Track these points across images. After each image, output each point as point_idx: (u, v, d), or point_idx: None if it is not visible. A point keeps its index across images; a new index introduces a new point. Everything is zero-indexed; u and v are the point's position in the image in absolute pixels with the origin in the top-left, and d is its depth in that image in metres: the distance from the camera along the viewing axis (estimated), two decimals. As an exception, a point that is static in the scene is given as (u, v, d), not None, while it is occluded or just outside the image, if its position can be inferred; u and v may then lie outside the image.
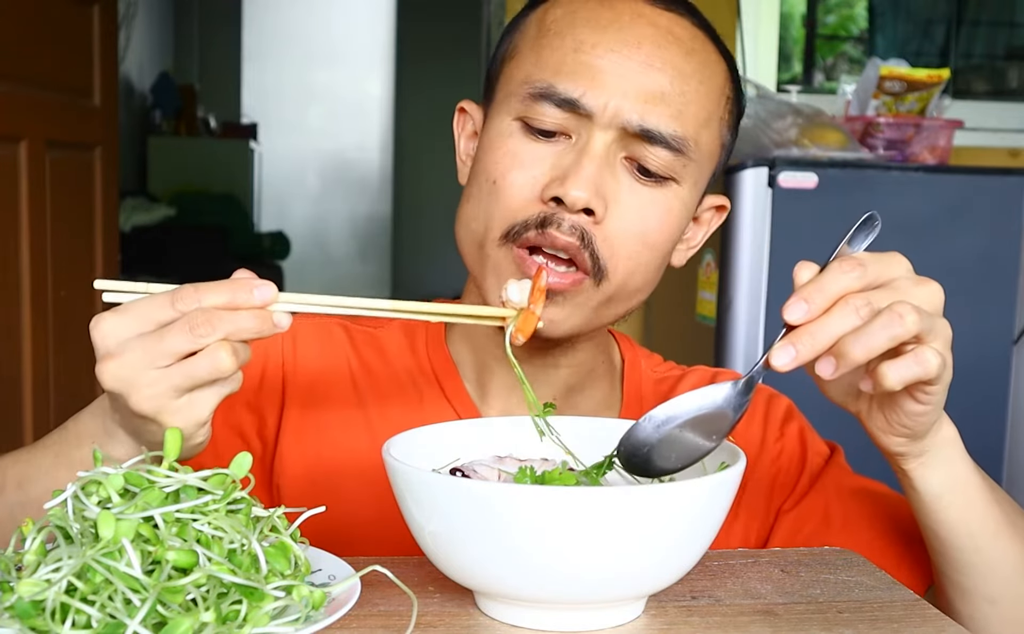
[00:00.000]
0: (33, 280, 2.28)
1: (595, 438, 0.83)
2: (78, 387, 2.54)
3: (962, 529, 0.83)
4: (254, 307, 0.70)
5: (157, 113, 6.34)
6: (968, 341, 2.23)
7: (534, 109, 0.87)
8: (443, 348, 0.99)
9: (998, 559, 0.84)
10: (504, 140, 0.89)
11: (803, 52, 4.96)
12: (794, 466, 0.99)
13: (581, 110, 0.86)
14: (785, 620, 0.71)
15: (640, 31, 0.87)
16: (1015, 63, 3.45)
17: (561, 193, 0.85)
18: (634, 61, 0.86)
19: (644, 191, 0.88)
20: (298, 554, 0.66)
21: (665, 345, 2.49)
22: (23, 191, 2.26)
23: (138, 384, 0.69)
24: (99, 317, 0.71)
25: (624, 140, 0.87)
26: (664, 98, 0.86)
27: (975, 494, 0.83)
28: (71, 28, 2.52)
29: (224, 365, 0.69)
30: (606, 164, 0.86)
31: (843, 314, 0.70)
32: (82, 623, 0.57)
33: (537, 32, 0.90)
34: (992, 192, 2.24)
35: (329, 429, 0.95)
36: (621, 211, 0.87)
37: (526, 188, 0.87)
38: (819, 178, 2.13)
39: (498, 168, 0.88)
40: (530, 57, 0.89)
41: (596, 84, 0.86)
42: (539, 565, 0.65)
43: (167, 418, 0.70)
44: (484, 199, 0.89)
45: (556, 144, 0.87)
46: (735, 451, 0.74)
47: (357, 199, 7.88)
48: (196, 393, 0.70)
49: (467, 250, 0.92)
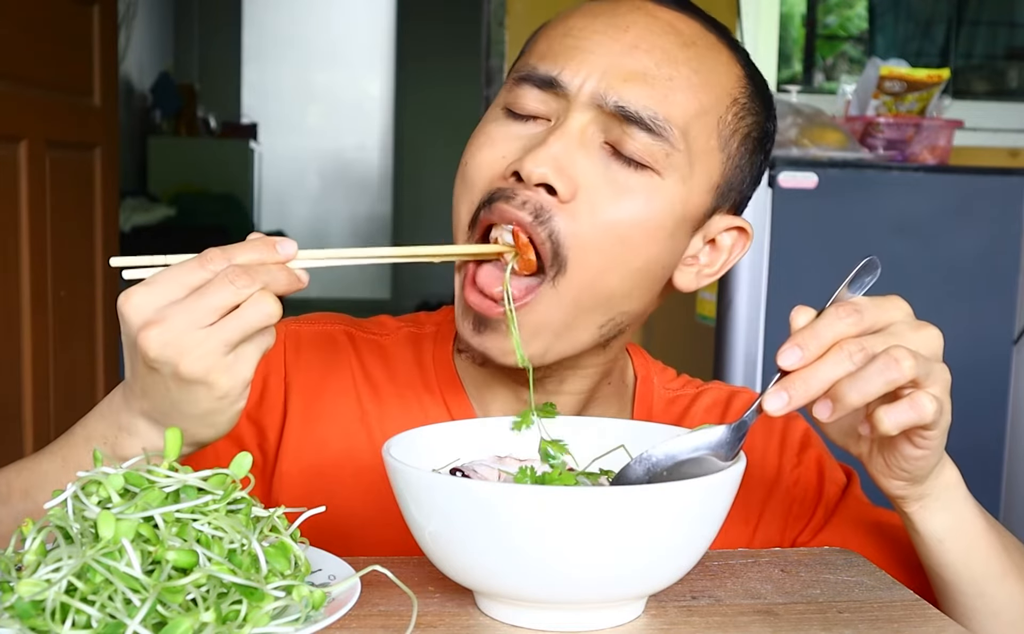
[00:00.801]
0: (33, 280, 2.28)
1: (595, 438, 0.83)
2: (78, 387, 2.54)
3: (965, 573, 0.82)
4: (279, 262, 0.71)
5: (157, 113, 6.34)
6: (968, 341, 2.24)
7: (515, 93, 0.84)
8: (449, 362, 0.96)
9: (1003, 604, 0.83)
10: (486, 126, 0.86)
11: (803, 52, 4.96)
12: (810, 496, 0.96)
13: (559, 89, 0.82)
14: (785, 620, 0.71)
15: (632, 18, 0.84)
16: (1015, 63, 3.45)
17: (518, 166, 0.80)
18: (619, 43, 0.83)
19: (620, 176, 0.82)
20: (298, 554, 0.66)
21: (665, 345, 2.49)
22: (23, 191, 2.26)
23: (187, 345, 0.69)
24: (127, 293, 0.71)
25: (603, 121, 0.82)
26: (646, 78, 0.82)
27: (978, 538, 0.82)
28: (71, 28, 2.52)
29: (272, 310, 0.69)
30: (580, 145, 0.81)
31: (837, 360, 0.69)
32: (82, 623, 0.57)
33: (542, 32, 0.89)
34: (992, 192, 2.24)
35: (330, 438, 0.94)
36: (591, 195, 0.81)
37: (491, 167, 0.83)
38: (819, 178, 2.13)
39: (471, 149, 0.85)
40: (525, 50, 0.89)
41: (575, 63, 0.82)
42: (539, 565, 0.65)
43: (217, 378, 0.70)
44: (460, 182, 0.86)
45: (534, 126, 0.84)
46: (735, 451, 0.74)
47: (357, 199, 7.88)
48: (241, 348, 0.70)
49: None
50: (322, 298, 7.69)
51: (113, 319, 2.71)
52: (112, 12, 2.71)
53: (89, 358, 2.61)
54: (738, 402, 0.99)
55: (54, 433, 2.36)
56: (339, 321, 0.99)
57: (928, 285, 2.19)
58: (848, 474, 0.98)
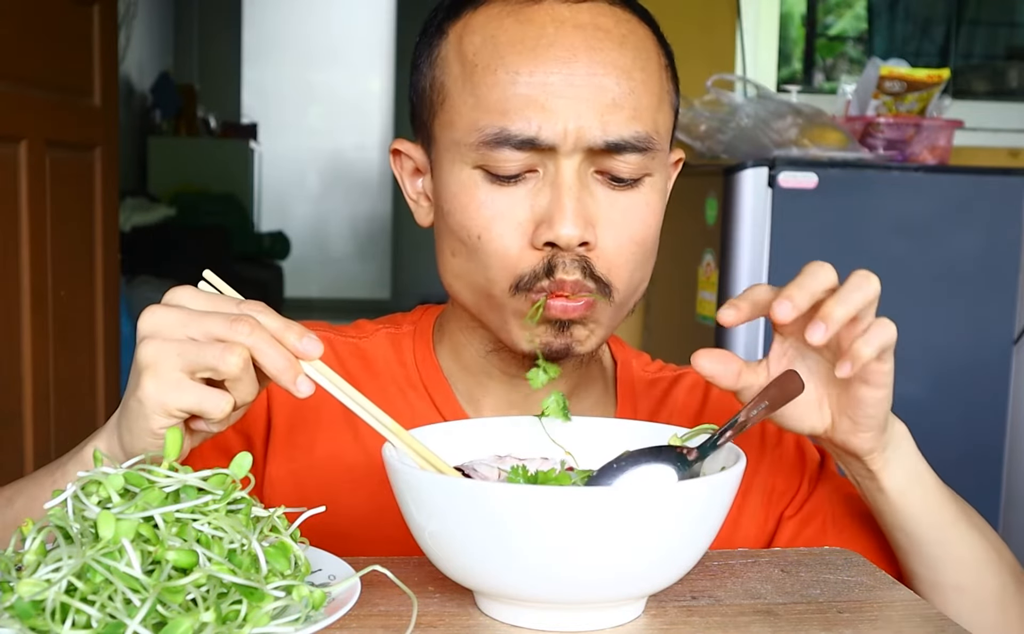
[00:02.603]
0: (33, 280, 2.28)
1: (594, 438, 0.83)
2: (78, 387, 2.54)
3: (925, 520, 0.88)
4: (296, 349, 0.73)
5: (157, 113, 6.34)
6: (968, 341, 2.24)
7: (492, 157, 0.84)
8: (431, 358, 0.98)
9: (959, 548, 0.89)
10: (471, 192, 0.86)
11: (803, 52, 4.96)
12: (795, 472, 1.00)
13: (541, 145, 0.83)
14: (785, 620, 0.71)
15: (569, 40, 0.84)
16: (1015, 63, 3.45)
17: (553, 237, 0.84)
18: (576, 75, 0.83)
19: (622, 199, 0.87)
20: (298, 554, 0.66)
21: (665, 345, 2.49)
22: (23, 191, 2.26)
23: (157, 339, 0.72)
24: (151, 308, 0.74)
25: (591, 157, 0.85)
26: (616, 103, 0.84)
27: (931, 487, 0.88)
28: (71, 28, 2.52)
29: (228, 364, 0.70)
30: (582, 188, 0.85)
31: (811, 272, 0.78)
32: (82, 623, 0.57)
33: (462, 70, 0.87)
34: (992, 192, 2.24)
35: (317, 443, 0.95)
36: (607, 227, 0.86)
37: (515, 238, 0.85)
38: (819, 178, 2.13)
39: (477, 223, 0.86)
40: (467, 100, 0.86)
41: (547, 114, 0.83)
42: (539, 565, 0.65)
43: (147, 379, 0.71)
44: (473, 255, 0.87)
45: (525, 183, 0.85)
46: (735, 452, 0.75)
47: (357, 199, 7.88)
48: (186, 382, 0.71)
49: (470, 298, 0.91)
50: (322, 298, 7.73)
51: (113, 319, 2.71)
52: (112, 12, 2.71)
53: (89, 358, 2.61)
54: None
55: (54, 433, 2.37)
56: (316, 327, 0.99)
57: (928, 285, 2.19)
58: (822, 452, 1.02)
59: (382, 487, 0.73)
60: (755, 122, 2.26)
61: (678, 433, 0.81)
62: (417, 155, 0.94)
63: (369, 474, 0.91)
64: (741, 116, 2.31)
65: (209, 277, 0.78)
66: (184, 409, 0.72)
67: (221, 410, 0.72)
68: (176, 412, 0.72)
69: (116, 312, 2.75)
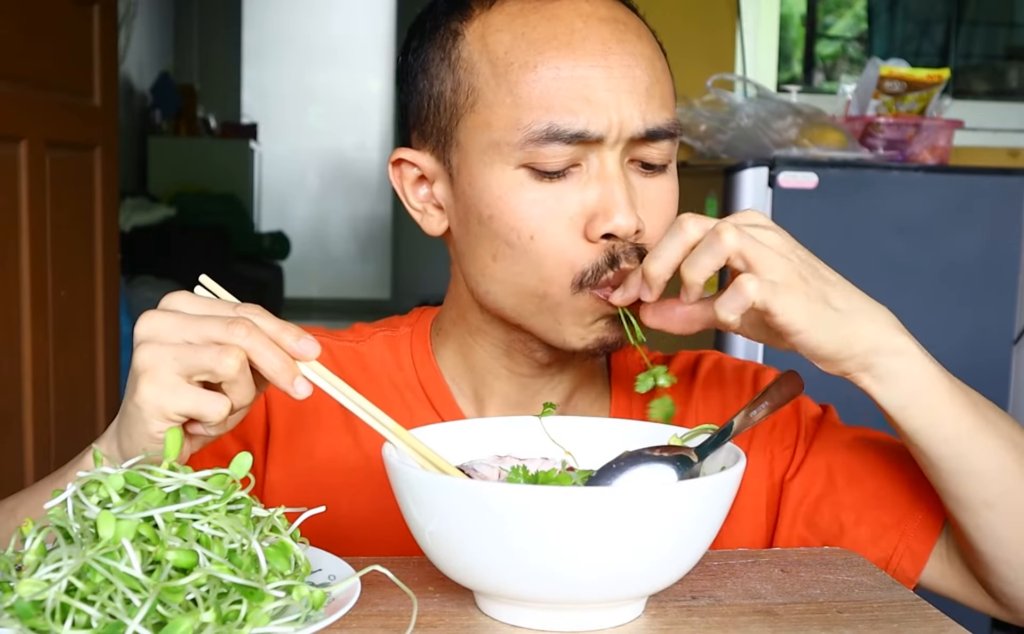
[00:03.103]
0: (33, 280, 2.28)
1: (595, 438, 0.83)
2: (78, 387, 2.54)
3: (937, 434, 0.83)
4: (292, 351, 0.73)
5: (157, 113, 6.34)
6: (968, 341, 2.24)
7: (541, 153, 0.85)
8: (430, 360, 0.98)
9: (981, 460, 0.84)
10: (518, 193, 0.86)
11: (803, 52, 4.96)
12: (789, 434, 0.99)
13: (589, 138, 0.85)
14: (785, 620, 0.71)
15: (598, 33, 0.86)
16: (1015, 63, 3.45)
17: (612, 229, 0.85)
18: (614, 67, 0.85)
19: (653, 185, 0.89)
20: (298, 554, 0.66)
21: (665, 344, 2.49)
22: (23, 191, 2.26)
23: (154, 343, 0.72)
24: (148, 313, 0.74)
25: (629, 148, 0.87)
26: (649, 92, 0.87)
27: (942, 400, 0.83)
28: (71, 28, 2.52)
29: (224, 366, 0.70)
30: (624, 177, 0.87)
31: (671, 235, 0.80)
32: (82, 623, 0.57)
33: (494, 69, 0.86)
34: (992, 192, 2.24)
35: (317, 446, 0.95)
36: (648, 212, 0.88)
37: (570, 234, 0.86)
38: (819, 178, 2.13)
39: (530, 223, 0.86)
40: (504, 99, 0.85)
41: (593, 107, 0.84)
42: (539, 565, 0.65)
43: (145, 382, 0.71)
44: (523, 256, 0.87)
45: (571, 178, 0.86)
46: (735, 452, 0.75)
47: (357, 199, 7.88)
48: (182, 386, 0.72)
49: (514, 302, 0.89)
50: (322, 298, 7.73)
51: (113, 319, 2.71)
52: (112, 12, 2.70)
53: (89, 358, 2.61)
54: (707, 363, 1.04)
55: (54, 433, 2.37)
56: (313, 333, 0.99)
57: (928, 285, 2.19)
58: (824, 408, 1.01)
59: (382, 488, 0.73)
60: (755, 122, 2.26)
61: (678, 433, 0.81)
62: (425, 162, 0.92)
63: (369, 475, 0.91)
64: (741, 116, 2.31)
65: (205, 282, 0.78)
66: (181, 412, 0.72)
67: (218, 413, 0.72)
68: (174, 415, 0.72)
69: (116, 312, 2.75)
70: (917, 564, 0.91)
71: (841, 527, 0.93)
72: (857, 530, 0.92)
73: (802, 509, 0.95)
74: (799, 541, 0.95)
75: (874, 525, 0.92)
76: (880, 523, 0.92)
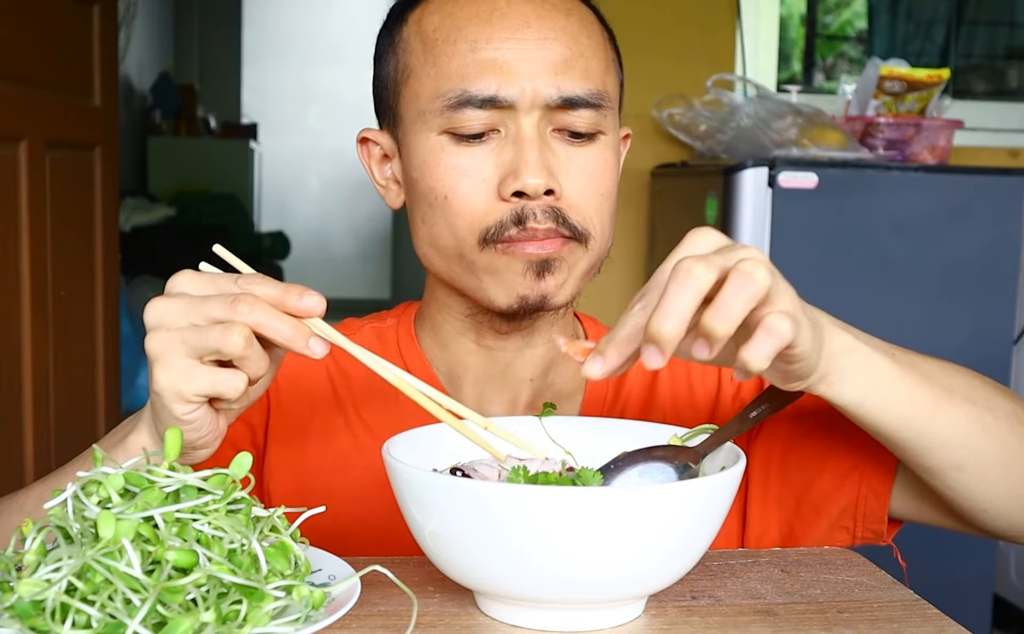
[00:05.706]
0: (33, 280, 2.28)
1: (595, 438, 0.83)
2: (78, 387, 2.54)
3: (897, 421, 0.82)
4: (298, 310, 0.73)
5: (157, 113, 6.34)
6: (968, 341, 2.24)
7: (457, 118, 0.90)
8: (416, 348, 1.01)
9: (945, 431, 0.83)
10: (438, 156, 0.92)
11: (803, 52, 4.96)
12: (727, 399, 1.01)
13: (502, 103, 0.89)
14: (785, 620, 0.71)
15: (520, 10, 0.91)
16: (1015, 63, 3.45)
17: (520, 186, 0.89)
18: (529, 40, 0.90)
19: (580, 153, 0.92)
20: (298, 554, 0.66)
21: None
22: (23, 191, 2.26)
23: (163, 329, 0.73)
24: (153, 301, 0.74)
25: (548, 115, 0.91)
26: (568, 63, 0.91)
27: (895, 386, 0.81)
28: (71, 28, 2.52)
29: (231, 344, 0.70)
30: (542, 142, 0.90)
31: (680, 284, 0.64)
32: (82, 623, 0.57)
33: (424, 47, 0.93)
34: (992, 192, 2.24)
35: (313, 435, 0.97)
36: (570, 178, 0.91)
37: (482, 194, 0.90)
38: (819, 178, 2.13)
39: (445, 183, 0.91)
40: (429, 71, 0.92)
41: (505, 75, 0.90)
42: (539, 565, 0.65)
43: (160, 369, 0.72)
44: (441, 215, 0.92)
45: (488, 142, 0.91)
46: (735, 452, 0.75)
47: (357, 199, 7.88)
48: (196, 367, 0.72)
49: (442, 264, 0.95)
50: (322, 298, 7.71)
51: (113, 319, 2.71)
52: (112, 12, 2.70)
53: (89, 358, 2.61)
54: None
55: (54, 433, 2.36)
56: None
57: (928, 285, 2.19)
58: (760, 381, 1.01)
59: (382, 488, 0.73)
60: (755, 122, 2.26)
61: (678, 433, 0.81)
62: (384, 141, 1.00)
63: (369, 476, 0.92)
64: (741, 116, 2.31)
65: (218, 250, 0.79)
66: (199, 393, 0.73)
67: (235, 389, 0.72)
68: (192, 397, 0.73)
69: (116, 312, 2.75)
70: (881, 501, 0.92)
71: (808, 480, 0.95)
72: (821, 479, 0.94)
73: (769, 467, 0.96)
74: (775, 500, 0.96)
75: (834, 472, 0.94)
76: (839, 471, 0.94)
